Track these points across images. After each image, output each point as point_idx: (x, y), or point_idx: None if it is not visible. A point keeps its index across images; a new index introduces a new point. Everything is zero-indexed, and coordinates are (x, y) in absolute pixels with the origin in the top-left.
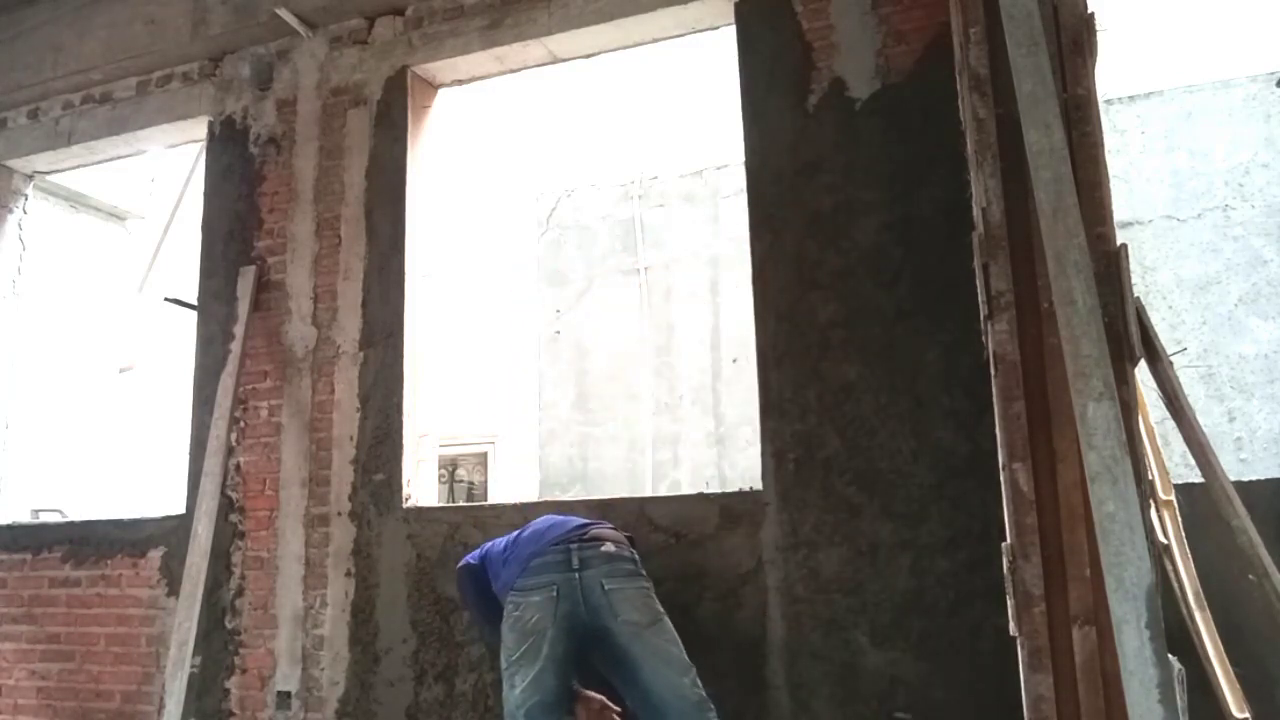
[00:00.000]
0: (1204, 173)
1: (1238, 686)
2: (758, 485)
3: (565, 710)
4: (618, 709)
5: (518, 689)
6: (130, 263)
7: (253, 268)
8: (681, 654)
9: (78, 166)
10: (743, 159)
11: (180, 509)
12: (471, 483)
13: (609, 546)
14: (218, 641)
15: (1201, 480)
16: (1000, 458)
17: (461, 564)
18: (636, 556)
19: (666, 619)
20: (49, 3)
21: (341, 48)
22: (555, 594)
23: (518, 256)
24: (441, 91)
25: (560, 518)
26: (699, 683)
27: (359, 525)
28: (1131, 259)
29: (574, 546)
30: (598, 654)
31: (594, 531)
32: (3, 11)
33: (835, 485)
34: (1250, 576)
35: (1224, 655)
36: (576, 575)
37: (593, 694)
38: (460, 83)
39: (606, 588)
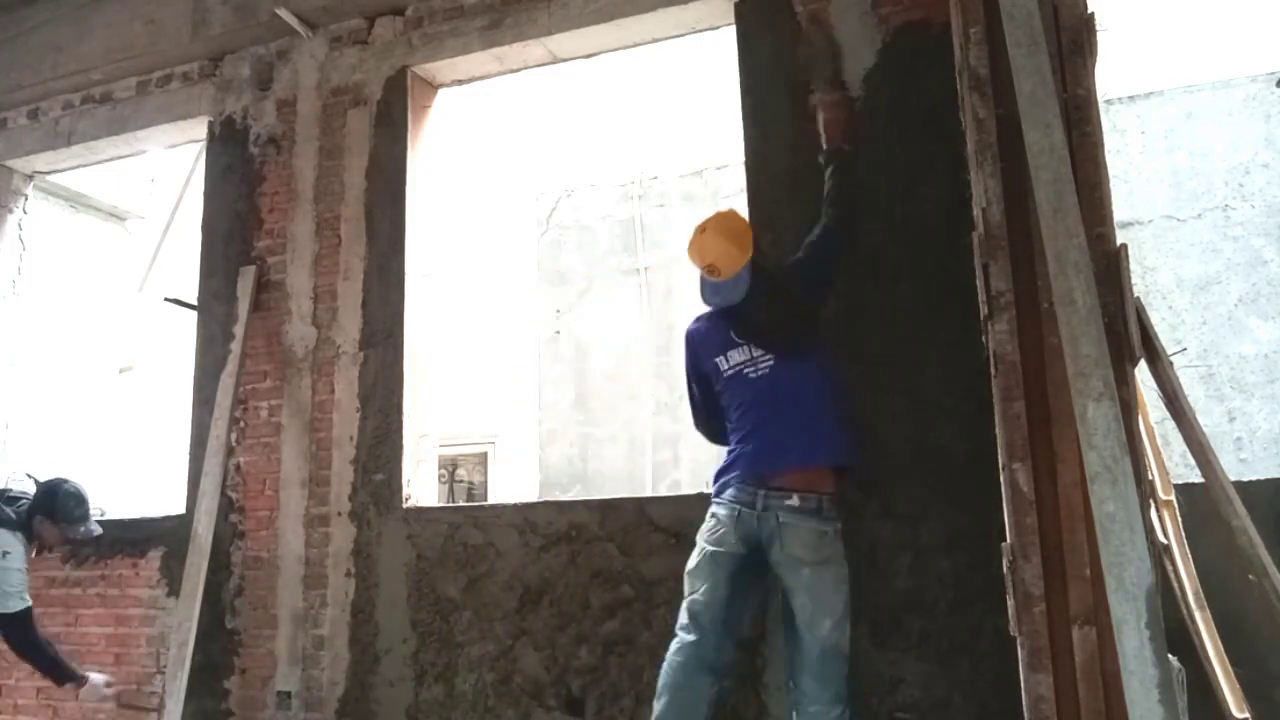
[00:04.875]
0: (1204, 173)
1: (1238, 686)
2: None
3: (730, 632)
4: None
5: (696, 592)
6: (130, 263)
7: (253, 268)
8: (836, 599)
9: (78, 166)
10: (743, 159)
11: (180, 509)
12: (471, 483)
13: (794, 500)
14: (218, 641)
15: (1201, 480)
16: (1000, 458)
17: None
18: (824, 506)
19: (839, 564)
20: (49, 3)
21: (341, 48)
22: (738, 515)
23: (518, 256)
24: (441, 91)
25: (762, 441)
26: (845, 632)
27: (359, 525)
28: (1131, 259)
29: (762, 493)
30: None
31: (782, 482)
32: (3, 11)
33: None
34: (1250, 576)
35: (1224, 655)
36: (755, 511)
37: None
38: (460, 83)
39: (781, 520)
